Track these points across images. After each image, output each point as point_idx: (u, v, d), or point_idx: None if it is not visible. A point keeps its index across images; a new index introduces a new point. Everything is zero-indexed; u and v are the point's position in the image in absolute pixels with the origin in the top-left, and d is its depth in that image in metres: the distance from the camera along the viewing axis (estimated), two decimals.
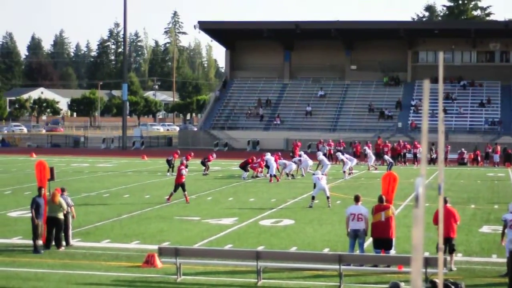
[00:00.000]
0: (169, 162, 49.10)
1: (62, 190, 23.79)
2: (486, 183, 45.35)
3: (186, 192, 34.16)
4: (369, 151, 54.64)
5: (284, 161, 47.31)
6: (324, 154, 59.75)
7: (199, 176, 45.86)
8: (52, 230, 22.73)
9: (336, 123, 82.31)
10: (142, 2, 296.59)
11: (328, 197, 32.64)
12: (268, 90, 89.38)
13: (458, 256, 20.49)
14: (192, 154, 48.35)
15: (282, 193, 38.06)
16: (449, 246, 19.88)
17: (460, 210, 24.57)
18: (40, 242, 22.51)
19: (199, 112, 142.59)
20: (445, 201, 20.46)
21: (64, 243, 22.98)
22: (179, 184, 34.04)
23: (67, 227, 23.28)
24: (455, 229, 20.22)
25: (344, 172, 47.13)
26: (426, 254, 19.74)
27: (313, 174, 34.91)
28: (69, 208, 23.40)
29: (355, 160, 50.81)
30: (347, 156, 50.26)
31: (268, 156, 46.45)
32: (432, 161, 54.16)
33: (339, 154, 52.79)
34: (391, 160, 53.26)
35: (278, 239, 24.45)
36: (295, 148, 58.12)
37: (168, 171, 48.50)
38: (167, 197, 34.26)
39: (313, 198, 32.81)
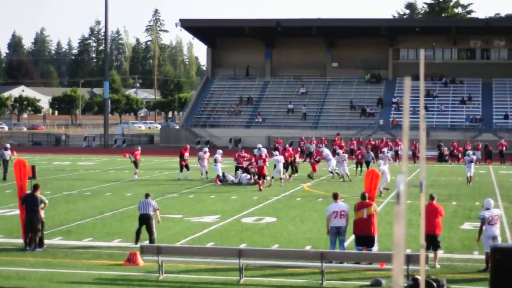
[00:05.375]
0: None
1: (147, 195, 23.26)
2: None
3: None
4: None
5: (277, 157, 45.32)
6: (310, 153, 59.56)
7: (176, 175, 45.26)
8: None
9: (318, 120, 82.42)
10: (123, 0, 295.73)
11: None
12: (249, 88, 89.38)
13: (439, 253, 20.56)
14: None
15: (264, 191, 38.02)
16: (434, 243, 19.95)
17: None
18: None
19: (180, 110, 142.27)
20: (432, 198, 20.55)
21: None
22: None
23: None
24: (440, 226, 20.29)
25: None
26: (408, 251, 19.82)
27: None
28: (154, 212, 22.85)
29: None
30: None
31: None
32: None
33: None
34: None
35: (260, 237, 24.46)
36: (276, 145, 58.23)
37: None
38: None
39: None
